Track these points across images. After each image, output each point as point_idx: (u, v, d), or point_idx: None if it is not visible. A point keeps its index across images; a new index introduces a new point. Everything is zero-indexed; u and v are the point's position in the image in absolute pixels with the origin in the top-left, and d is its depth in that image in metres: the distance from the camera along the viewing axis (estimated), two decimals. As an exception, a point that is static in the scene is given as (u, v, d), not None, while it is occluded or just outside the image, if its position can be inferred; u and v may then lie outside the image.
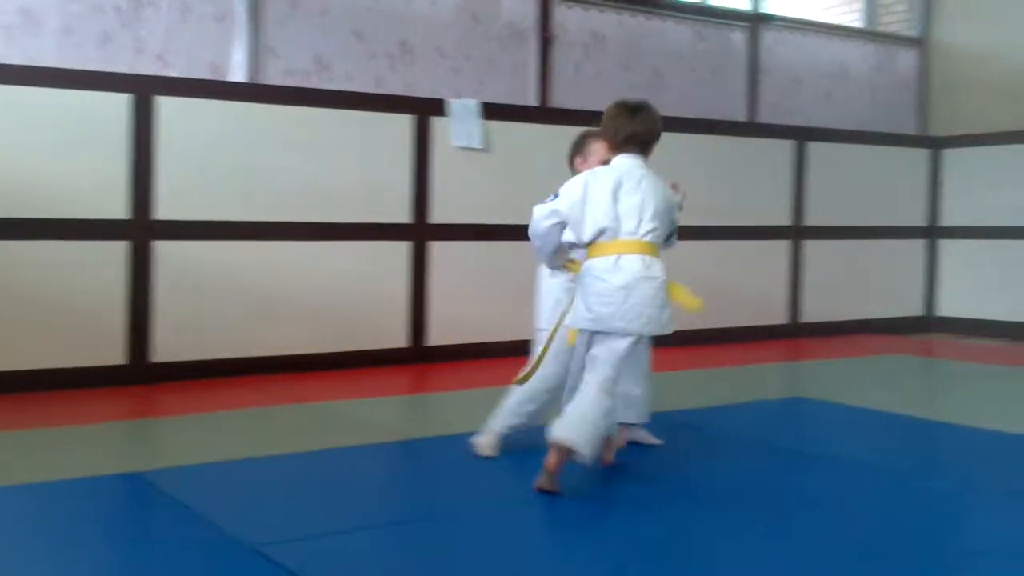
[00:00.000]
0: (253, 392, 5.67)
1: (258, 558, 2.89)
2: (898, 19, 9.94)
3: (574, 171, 4.14)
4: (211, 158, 6.15)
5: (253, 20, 6.62)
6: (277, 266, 6.36)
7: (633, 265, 3.53)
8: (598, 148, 4.04)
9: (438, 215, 6.94)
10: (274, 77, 6.72)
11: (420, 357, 6.86)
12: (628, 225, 3.56)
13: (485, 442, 4.13)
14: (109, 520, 3.41)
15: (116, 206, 5.85)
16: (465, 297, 7.03)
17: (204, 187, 6.13)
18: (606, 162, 3.81)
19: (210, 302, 6.14)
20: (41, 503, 3.46)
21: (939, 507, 3.49)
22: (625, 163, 3.69)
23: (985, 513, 3.47)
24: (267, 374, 6.20)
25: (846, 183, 8.90)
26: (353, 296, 6.64)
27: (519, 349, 7.20)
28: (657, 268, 3.59)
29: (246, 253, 6.27)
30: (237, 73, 6.61)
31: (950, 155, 9.35)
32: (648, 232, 3.59)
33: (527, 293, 7.27)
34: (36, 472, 3.83)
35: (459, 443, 4.33)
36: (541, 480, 3.51)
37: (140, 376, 5.89)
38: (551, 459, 3.51)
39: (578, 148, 4.25)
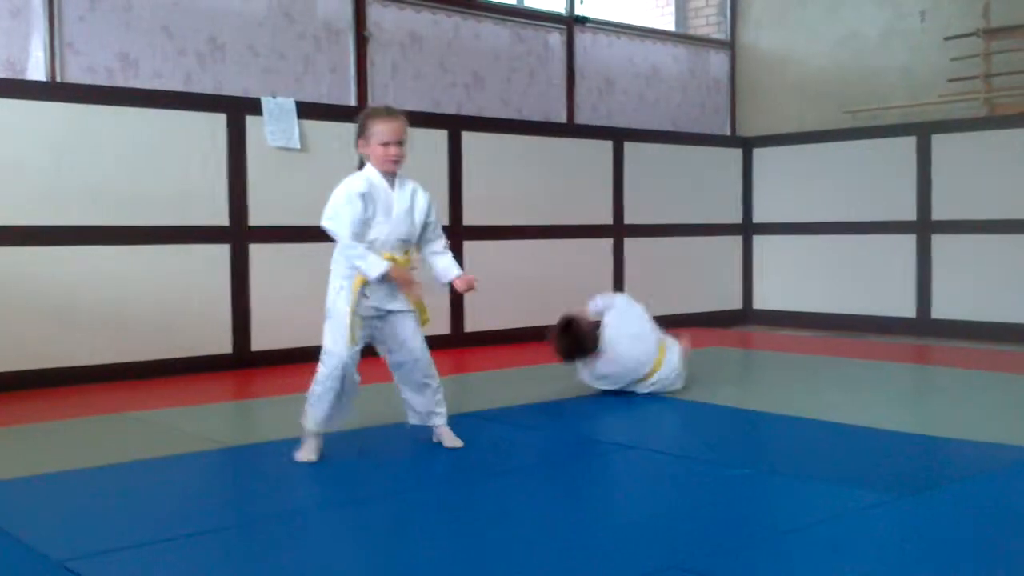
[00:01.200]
0: (61, 404, 5.38)
1: (65, 573, 2.72)
2: (708, 23, 10.31)
3: (360, 154, 4.16)
4: (10, 160, 5.79)
5: (51, 15, 6.28)
6: (86, 272, 6.06)
7: None
8: (380, 130, 4.01)
9: (256, 217, 6.74)
10: (76, 75, 6.39)
11: (243, 362, 6.66)
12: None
13: None
14: None
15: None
16: (286, 300, 6.86)
17: (2, 190, 5.77)
18: (385, 144, 4.01)
19: (13, 311, 5.78)
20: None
21: (735, 492, 3.57)
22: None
23: (778, 498, 3.54)
24: (76, 385, 5.90)
25: (663, 182, 9.16)
26: (172, 302, 6.38)
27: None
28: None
29: (51, 259, 5.94)
30: (36, 71, 6.26)
31: (760, 154, 9.76)
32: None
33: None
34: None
35: (274, 449, 4.23)
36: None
37: None
38: None
39: (360, 131, 4.12)
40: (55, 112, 5.98)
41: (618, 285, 8.83)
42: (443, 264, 4.24)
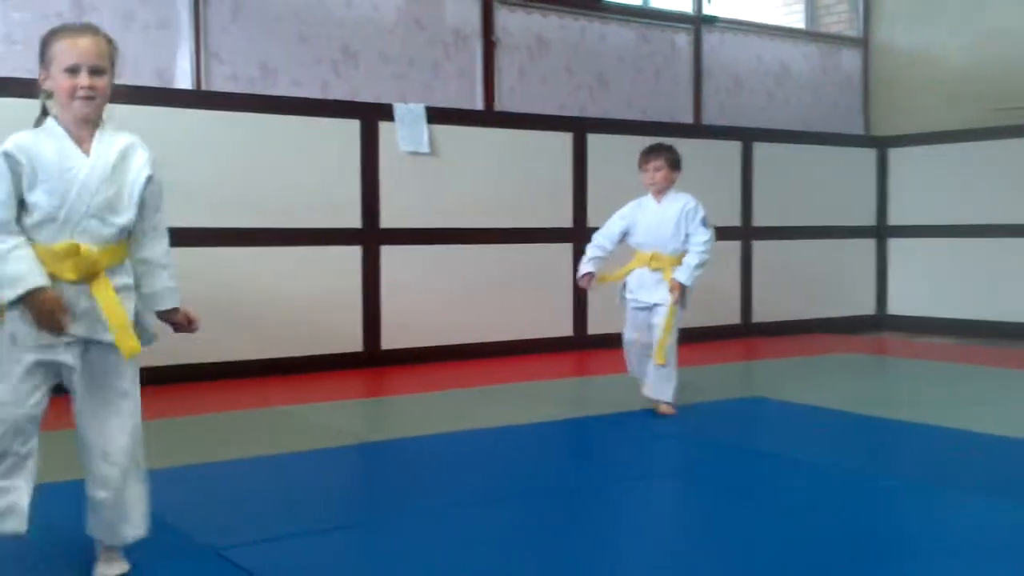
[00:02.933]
0: (213, 398, 5.60)
1: (219, 561, 2.85)
2: (840, 20, 10.10)
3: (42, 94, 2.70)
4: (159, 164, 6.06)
5: (197, 26, 6.56)
6: (224, 273, 6.29)
7: None
8: (64, 50, 2.61)
9: (387, 220, 6.91)
10: (219, 83, 6.66)
11: (375, 361, 6.83)
12: None
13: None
14: (72, 524, 3.33)
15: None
16: (415, 300, 7.01)
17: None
18: (71, 72, 2.61)
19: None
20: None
21: (887, 505, 3.50)
22: None
23: (933, 510, 3.46)
24: (222, 380, 6.13)
25: (793, 183, 9.01)
26: (307, 301, 6.58)
27: (471, 352, 7.24)
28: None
29: (195, 260, 6.19)
30: (182, 80, 6.54)
31: (895, 154, 9.49)
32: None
33: (475, 296, 7.32)
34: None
35: (411, 445, 4.32)
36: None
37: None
38: None
39: (41, 57, 2.68)
40: (200, 119, 6.24)
41: (745, 290, 8.73)
42: (155, 285, 2.85)
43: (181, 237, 6.06)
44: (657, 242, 5.08)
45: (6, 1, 6.01)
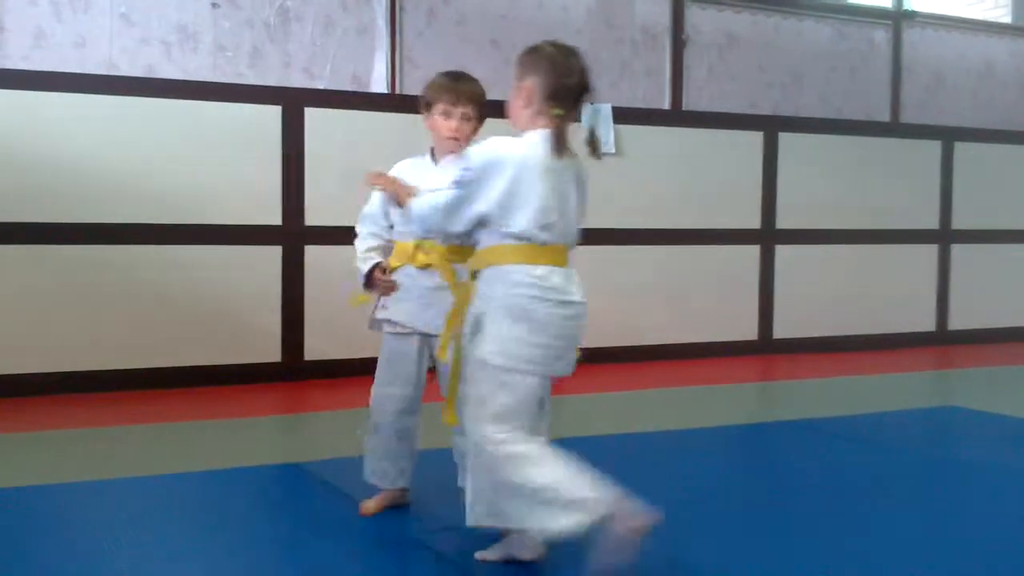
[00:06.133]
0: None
1: (416, 546, 2.98)
2: (1049, 13, 9.54)
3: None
4: (356, 167, 6.32)
5: (392, 32, 6.80)
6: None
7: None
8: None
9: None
10: (413, 87, 6.88)
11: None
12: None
13: None
14: (271, 506, 3.56)
15: (271, 213, 6.12)
16: (599, 301, 7.03)
17: (350, 194, 6.31)
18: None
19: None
20: (209, 490, 3.63)
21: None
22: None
23: None
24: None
25: (996, 184, 8.59)
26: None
27: (651, 354, 7.23)
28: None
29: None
30: (378, 84, 6.80)
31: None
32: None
33: (660, 297, 7.30)
34: (199, 462, 4.02)
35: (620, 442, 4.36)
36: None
37: (294, 373, 6.14)
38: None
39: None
40: (394, 122, 6.46)
41: (942, 294, 8.38)
42: None
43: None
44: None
45: (216, 10, 6.39)
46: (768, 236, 7.70)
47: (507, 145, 2.78)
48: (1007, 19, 9.59)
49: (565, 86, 2.79)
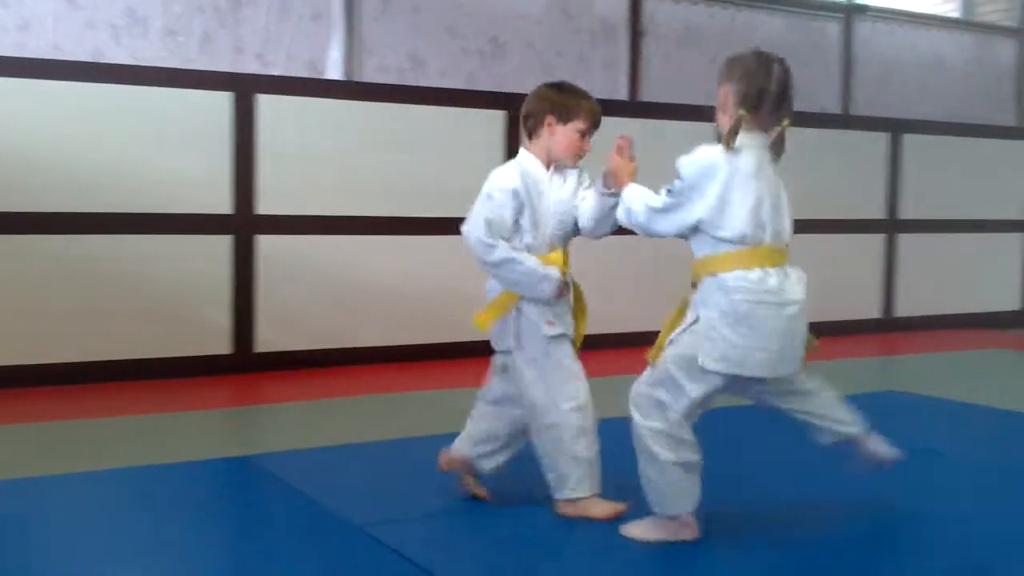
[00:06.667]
0: (352, 381, 5.79)
1: (366, 538, 2.98)
2: (996, 8, 9.70)
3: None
4: (308, 153, 6.28)
5: (348, 18, 6.75)
6: (374, 260, 6.47)
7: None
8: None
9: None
10: (369, 74, 6.84)
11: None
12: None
13: None
14: (220, 501, 3.54)
15: (222, 202, 6.05)
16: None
17: (302, 183, 6.27)
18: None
19: (310, 294, 6.27)
20: (157, 484, 3.60)
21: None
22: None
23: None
24: (366, 365, 6.32)
25: (942, 176, 8.73)
26: (448, 290, 6.72)
27: (599, 343, 7.25)
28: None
29: (343, 247, 6.39)
30: (333, 71, 6.75)
31: (1052, 147, 9.11)
32: None
33: (611, 286, 7.33)
34: (146, 456, 3.98)
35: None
36: None
37: (245, 365, 6.09)
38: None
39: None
40: (350, 110, 6.42)
41: (888, 282, 8.51)
42: None
43: (333, 225, 6.31)
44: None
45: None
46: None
47: (717, 152, 2.88)
48: (956, 14, 9.74)
49: (762, 91, 2.90)
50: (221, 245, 6.03)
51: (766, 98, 2.90)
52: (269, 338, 6.14)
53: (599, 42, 7.65)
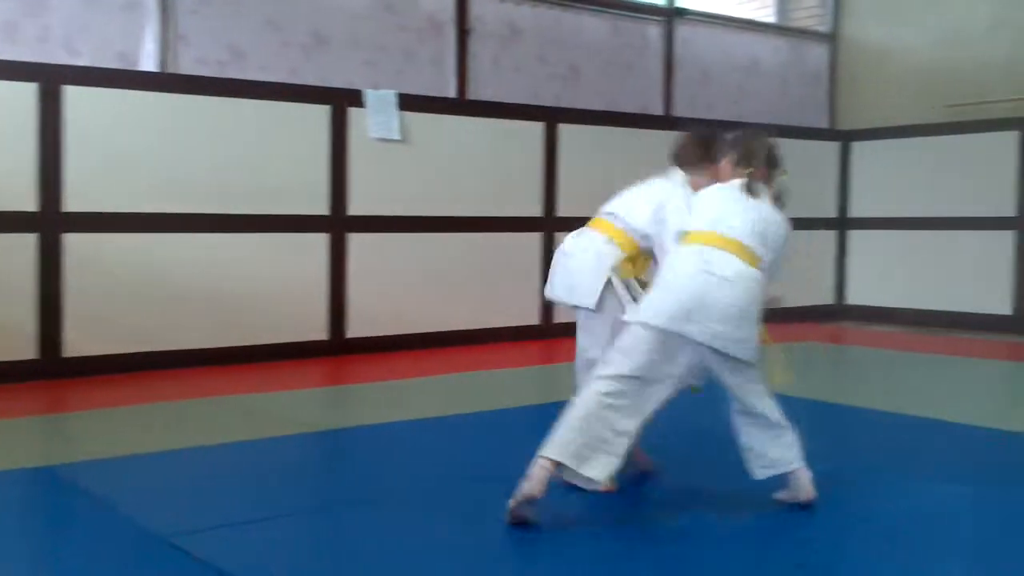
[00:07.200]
0: (167, 386, 5.59)
1: (170, 549, 2.87)
2: (809, 14, 10.16)
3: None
4: (122, 149, 6.03)
5: (164, 8, 6.50)
6: (191, 258, 6.27)
7: None
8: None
9: (356, 207, 6.90)
10: (186, 67, 6.61)
11: (340, 349, 6.83)
12: None
13: None
14: (20, 513, 3.34)
15: (26, 199, 5.72)
16: (383, 289, 7.02)
17: (113, 179, 6.01)
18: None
19: (122, 296, 6.02)
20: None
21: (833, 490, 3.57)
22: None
23: (863, 492, 3.53)
24: (182, 368, 6.11)
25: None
26: (272, 289, 6.57)
27: (437, 340, 7.26)
28: None
29: (158, 245, 6.17)
30: (148, 62, 6.49)
31: (858, 148, 9.60)
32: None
33: (444, 284, 7.34)
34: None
35: (366, 434, 4.37)
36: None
37: (52, 371, 5.77)
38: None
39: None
40: (166, 103, 6.19)
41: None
42: None
43: (143, 223, 6.08)
44: None
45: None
46: (550, 223, 7.85)
47: None
48: (771, 18, 10.14)
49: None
50: (24, 244, 5.72)
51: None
52: (78, 342, 5.86)
53: (426, 39, 7.62)
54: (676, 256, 3.33)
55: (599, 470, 3.09)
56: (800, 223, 9.49)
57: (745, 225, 3.29)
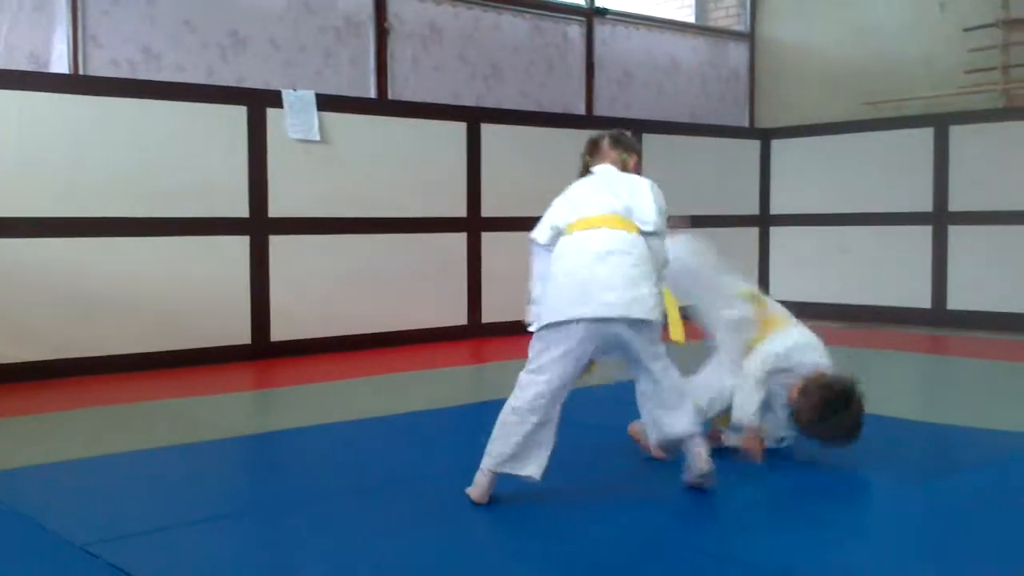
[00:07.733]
0: (89, 393, 5.47)
1: (86, 557, 2.79)
2: (728, 14, 10.30)
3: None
4: (33, 152, 5.87)
5: (75, 8, 6.35)
6: (110, 263, 6.14)
7: None
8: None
9: (276, 209, 6.81)
10: (99, 68, 6.46)
11: (264, 353, 6.73)
12: None
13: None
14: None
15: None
16: (307, 291, 6.94)
17: (25, 182, 5.86)
18: None
19: (35, 301, 5.87)
20: None
21: (747, 478, 3.62)
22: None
23: (795, 484, 3.60)
24: (104, 374, 5.98)
25: (681, 174, 9.15)
26: (192, 293, 6.45)
27: (363, 342, 7.20)
28: None
29: (72, 250, 6.02)
30: (59, 64, 6.34)
31: (778, 146, 9.76)
32: None
33: (367, 286, 7.27)
34: None
35: (290, 437, 4.30)
36: None
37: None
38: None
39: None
40: (78, 105, 6.05)
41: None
42: None
43: (58, 227, 5.93)
44: None
45: None
46: (474, 224, 7.84)
47: None
48: (690, 19, 10.26)
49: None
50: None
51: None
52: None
53: (344, 39, 7.55)
54: (557, 252, 3.41)
55: (535, 467, 3.23)
56: (722, 220, 9.76)
57: (607, 199, 3.46)
